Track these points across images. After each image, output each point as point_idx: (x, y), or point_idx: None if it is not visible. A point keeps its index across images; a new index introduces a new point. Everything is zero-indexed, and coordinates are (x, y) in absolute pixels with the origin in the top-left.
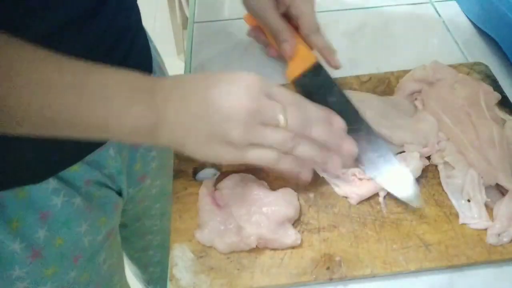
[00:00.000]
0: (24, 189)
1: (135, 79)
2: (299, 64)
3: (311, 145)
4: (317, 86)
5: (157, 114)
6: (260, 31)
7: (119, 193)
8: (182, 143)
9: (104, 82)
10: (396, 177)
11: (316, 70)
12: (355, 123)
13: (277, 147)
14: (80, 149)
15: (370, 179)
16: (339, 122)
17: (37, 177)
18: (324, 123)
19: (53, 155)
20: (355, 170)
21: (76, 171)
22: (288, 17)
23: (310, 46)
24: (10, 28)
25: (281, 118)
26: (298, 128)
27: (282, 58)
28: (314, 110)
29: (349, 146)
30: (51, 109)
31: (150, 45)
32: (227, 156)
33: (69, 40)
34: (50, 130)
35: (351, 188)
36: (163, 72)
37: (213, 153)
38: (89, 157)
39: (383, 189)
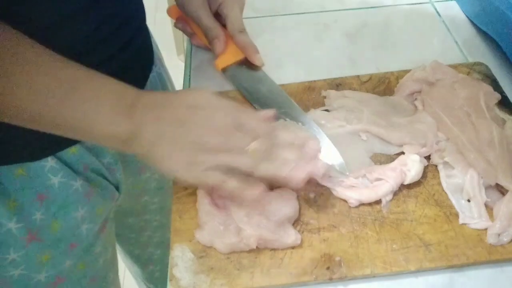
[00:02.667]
0: (21, 166)
1: (122, 90)
2: (229, 57)
3: (271, 164)
4: (247, 76)
5: (133, 128)
6: (186, 23)
7: (116, 188)
8: (146, 156)
9: (92, 90)
10: (327, 151)
11: (245, 63)
12: (285, 107)
13: (239, 169)
14: None
15: (369, 187)
16: (312, 145)
17: (35, 155)
18: (294, 147)
19: (51, 134)
20: (354, 181)
21: (75, 154)
22: (218, 15)
23: (236, 43)
24: (12, 20)
25: (250, 147)
26: (264, 155)
27: (207, 48)
28: (285, 136)
29: (318, 167)
30: (43, 111)
31: (152, 41)
32: (187, 174)
33: (69, 30)
34: (36, 126)
35: (349, 193)
36: (163, 66)
37: (174, 170)
38: (88, 142)
39: (385, 195)
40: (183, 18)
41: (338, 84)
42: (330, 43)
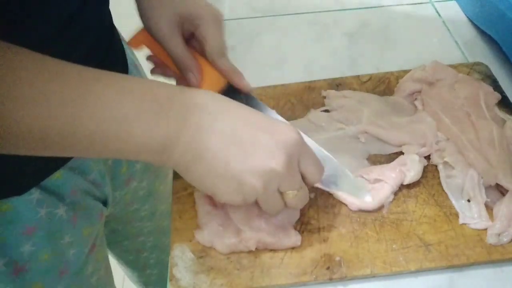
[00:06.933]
0: (8, 201)
1: (151, 88)
2: (211, 86)
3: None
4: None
5: (169, 132)
6: (156, 58)
7: (104, 203)
8: (186, 170)
9: (113, 91)
10: (352, 185)
11: (229, 90)
12: None
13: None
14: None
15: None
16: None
17: (21, 188)
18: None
19: (35, 163)
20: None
21: (60, 178)
22: (194, 39)
23: (217, 70)
24: None
25: (290, 193)
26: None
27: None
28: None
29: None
30: (55, 125)
31: (124, 44)
32: (228, 197)
33: (51, 46)
34: (45, 148)
35: (350, 198)
36: (138, 70)
37: (215, 190)
38: (72, 163)
39: (386, 198)
40: (150, 46)
41: (338, 84)
42: (330, 43)
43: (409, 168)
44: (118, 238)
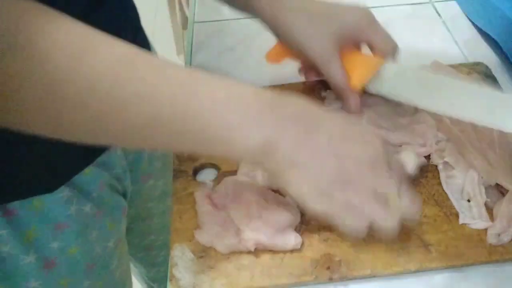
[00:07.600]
0: (38, 199)
1: (247, 91)
2: (362, 75)
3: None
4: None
5: (269, 139)
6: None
7: (124, 196)
8: (279, 176)
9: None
10: None
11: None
12: None
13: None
14: (91, 152)
15: None
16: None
17: (51, 186)
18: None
19: (65, 160)
20: None
21: (88, 175)
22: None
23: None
24: None
25: (392, 197)
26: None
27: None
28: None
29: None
30: (158, 121)
31: (153, 50)
32: (317, 206)
33: None
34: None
35: None
36: None
37: (304, 198)
38: (99, 159)
39: None
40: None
41: None
42: None
43: (406, 163)
44: (129, 235)
